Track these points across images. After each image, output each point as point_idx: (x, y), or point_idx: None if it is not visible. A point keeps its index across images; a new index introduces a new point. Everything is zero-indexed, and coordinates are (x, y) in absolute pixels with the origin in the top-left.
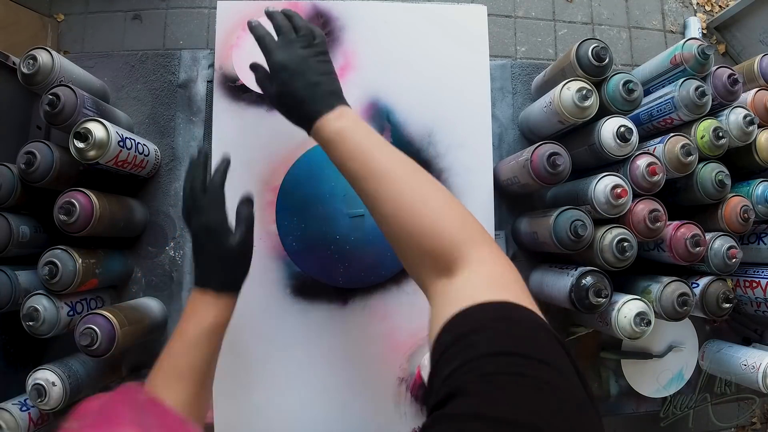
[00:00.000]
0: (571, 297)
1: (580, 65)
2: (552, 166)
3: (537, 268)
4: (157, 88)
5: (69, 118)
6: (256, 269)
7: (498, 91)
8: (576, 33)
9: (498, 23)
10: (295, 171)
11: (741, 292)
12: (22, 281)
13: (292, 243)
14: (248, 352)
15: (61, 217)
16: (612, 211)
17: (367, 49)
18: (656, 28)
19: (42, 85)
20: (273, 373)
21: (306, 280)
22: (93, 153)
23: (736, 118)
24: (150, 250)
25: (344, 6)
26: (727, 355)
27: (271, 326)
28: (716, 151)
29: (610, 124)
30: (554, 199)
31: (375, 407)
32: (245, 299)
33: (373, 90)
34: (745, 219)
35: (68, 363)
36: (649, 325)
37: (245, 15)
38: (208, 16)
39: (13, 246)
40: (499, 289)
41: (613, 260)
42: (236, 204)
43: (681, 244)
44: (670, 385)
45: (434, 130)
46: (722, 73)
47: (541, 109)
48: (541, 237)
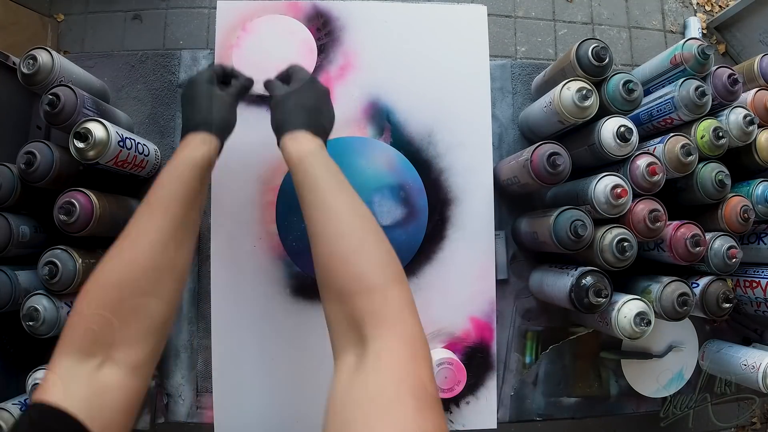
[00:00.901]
0: (571, 297)
1: (580, 65)
2: (552, 166)
3: (537, 268)
4: (157, 88)
5: (69, 118)
6: (256, 269)
7: (498, 91)
8: (576, 33)
9: (498, 23)
10: None
11: (741, 292)
12: (22, 281)
13: (292, 243)
14: (248, 352)
15: (61, 217)
16: (612, 211)
17: (367, 49)
18: (656, 28)
19: (42, 85)
20: (273, 372)
21: (306, 280)
22: (93, 153)
23: (736, 118)
24: None
25: (344, 6)
26: (727, 355)
27: (271, 326)
28: (716, 151)
29: (610, 124)
30: (554, 199)
31: None
32: (245, 299)
33: (373, 90)
34: (745, 219)
35: None
36: (649, 325)
37: (245, 15)
38: (208, 16)
39: (13, 246)
40: (403, 391)
41: (613, 260)
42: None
43: (681, 244)
44: (670, 385)
45: (434, 130)
46: (722, 73)
47: (541, 109)
48: (541, 237)
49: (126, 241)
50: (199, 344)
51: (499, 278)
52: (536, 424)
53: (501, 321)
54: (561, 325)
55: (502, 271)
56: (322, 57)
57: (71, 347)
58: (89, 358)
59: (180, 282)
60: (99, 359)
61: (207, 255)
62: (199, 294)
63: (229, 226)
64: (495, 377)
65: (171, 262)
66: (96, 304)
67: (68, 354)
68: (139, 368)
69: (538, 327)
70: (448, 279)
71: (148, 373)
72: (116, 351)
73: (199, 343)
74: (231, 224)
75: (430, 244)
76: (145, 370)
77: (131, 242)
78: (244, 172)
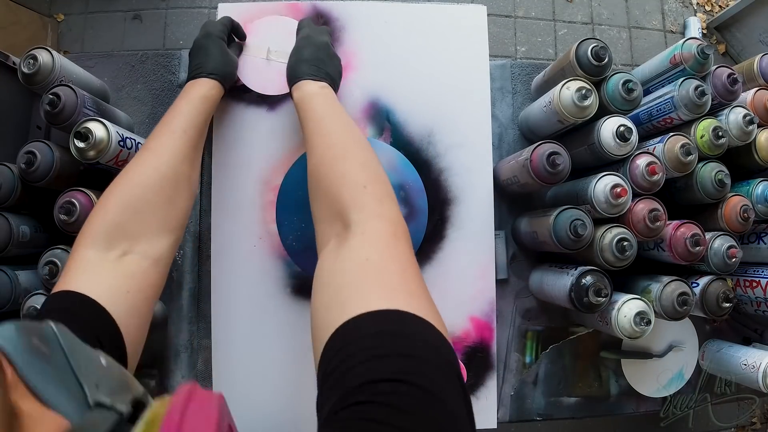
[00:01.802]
0: (571, 296)
1: (579, 65)
2: (552, 165)
3: (537, 267)
4: (157, 88)
5: (69, 118)
6: (256, 269)
7: (498, 91)
8: (576, 33)
9: (498, 23)
10: (295, 171)
11: (741, 292)
12: (22, 281)
13: (292, 243)
14: (248, 352)
15: (61, 216)
16: (612, 210)
17: (367, 49)
18: (656, 28)
19: (42, 84)
20: (273, 372)
21: (306, 280)
22: (93, 153)
23: (735, 117)
24: None
25: (344, 6)
26: (727, 355)
27: (272, 326)
28: (716, 151)
29: (610, 123)
30: (554, 198)
31: None
32: (245, 299)
33: (373, 90)
34: (745, 218)
35: None
36: (649, 324)
37: (245, 15)
38: (208, 16)
39: (13, 246)
40: (388, 251)
41: (613, 260)
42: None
43: (681, 243)
44: (670, 385)
45: (434, 130)
46: (722, 73)
47: (541, 108)
48: (541, 236)
49: (149, 152)
50: (199, 344)
51: (499, 278)
52: (536, 424)
53: (501, 321)
54: (561, 325)
55: (502, 271)
56: None
57: (94, 239)
58: (112, 249)
59: (192, 195)
60: (121, 249)
61: (207, 255)
62: (199, 294)
63: (229, 226)
64: (495, 377)
65: (187, 174)
66: (121, 200)
67: (90, 245)
68: (160, 260)
69: (538, 327)
70: (448, 279)
71: (167, 265)
72: (138, 243)
73: (199, 343)
74: (231, 224)
75: (430, 244)
76: (164, 262)
77: (154, 153)
78: (244, 172)
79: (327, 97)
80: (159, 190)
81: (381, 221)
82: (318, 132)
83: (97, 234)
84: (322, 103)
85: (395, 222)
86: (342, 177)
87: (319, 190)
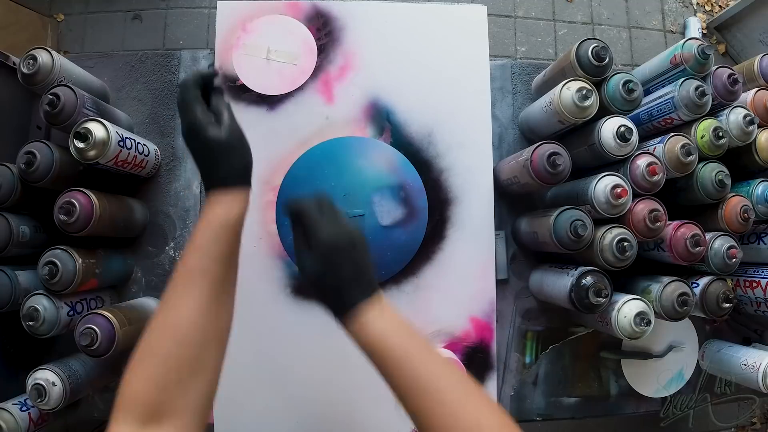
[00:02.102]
0: (571, 297)
1: (580, 65)
2: (552, 165)
3: (537, 267)
4: (157, 88)
5: (69, 118)
6: (256, 269)
7: (498, 91)
8: (576, 33)
9: (498, 23)
10: (295, 171)
11: (741, 292)
12: (22, 281)
13: (292, 243)
14: (248, 352)
15: (61, 217)
16: (612, 210)
17: (367, 49)
18: (656, 28)
19: (42, 85)
20: (272, 372)
21: None
22: (93, 153)
23: (736, 117)
24: (150, 250)
25: (344, 6)
26: (727, 355)
27: (271, 326)
28: (716, 151)
29: (610, 123)
30: (554, 199)
31: (375, 407)
32: (245, 299)
33: (373, 90)
34: (745, 219)
35: (68, 363)
36: (649, 324)
37: (245, 15)
38: (208, 16)
39: (13, 246)
40: None
41: (613, 260)
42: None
43: (681, 243)
44: (670, 385)
45: (434, 130)
46: (722, 73)
47: (541, 109)
48: (541, 237)
49: (169, 309)
50: None
51: (499, 278)
52: (536, 424)
53: (501, 321)
54: (561, 325)
55: (502, 271)
56: (322, 57)
57: (127, 416)
58: (144, 428)
59: (224, 342)
60: (153, 429)
61: None
62: None
63: None
64: (495, 377)
65: (215, 326)
66: (145, 379)
67: (124, 422)
68: None
69: (538, 327)
70: (448, 279)
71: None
72: (167, 423)
73: None
74: None
75: (430, 244)
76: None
77: (174, 310)
78: None
79: (399, 326)
80: (184, 362)
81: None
82: (422, 394)
83: (128, 412)
84: (403, 342)
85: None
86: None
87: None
